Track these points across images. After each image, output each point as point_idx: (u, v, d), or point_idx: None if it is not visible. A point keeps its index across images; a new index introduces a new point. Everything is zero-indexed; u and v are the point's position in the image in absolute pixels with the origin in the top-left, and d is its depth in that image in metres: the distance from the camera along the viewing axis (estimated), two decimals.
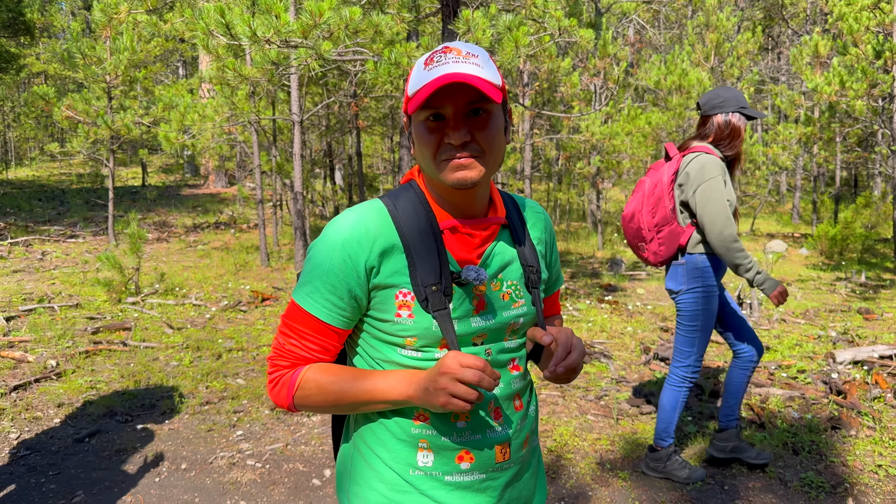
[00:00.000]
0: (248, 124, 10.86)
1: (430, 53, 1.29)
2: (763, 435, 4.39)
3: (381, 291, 1.29)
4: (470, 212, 1.35)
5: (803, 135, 15.31)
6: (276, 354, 1.35)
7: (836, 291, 9.66)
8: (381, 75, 5.24)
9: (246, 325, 7.26)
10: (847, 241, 13.14)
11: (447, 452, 1.33)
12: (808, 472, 3.92)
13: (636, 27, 23.47)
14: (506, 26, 5.71)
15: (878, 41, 13.10)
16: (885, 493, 3.74)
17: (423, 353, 1.31)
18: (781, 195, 25.79)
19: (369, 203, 1.34)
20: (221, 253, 12.15)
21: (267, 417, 4.77)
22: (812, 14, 24.15)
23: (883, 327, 7.32)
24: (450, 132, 1.23)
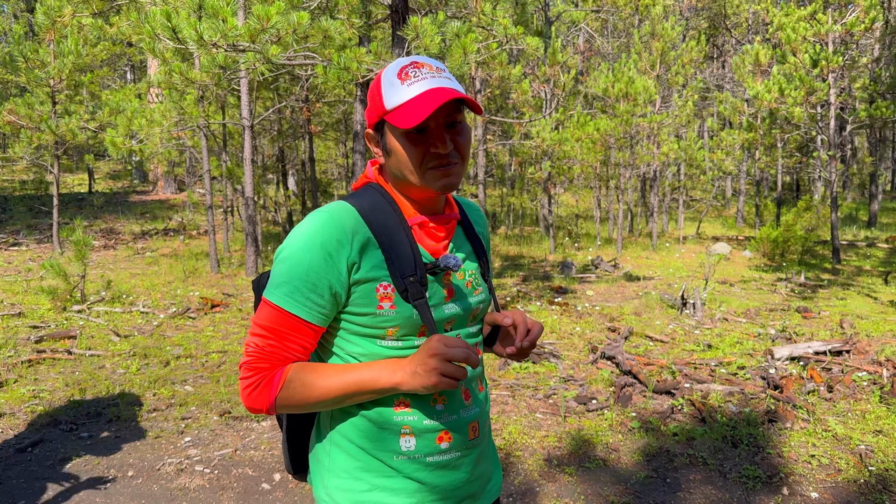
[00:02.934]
0: (198, 129, 10.73)
1: (398, 67, 1.37)
2: (704, 429, 4.55)
3: (361, 286, 1.35)
4: (434, 209, 1.47)
5: (746, 140, 15.81)
6: (254, 358, 1.34)
7: (777, 291, 10.01)
8: (331, 80, 5.27)
9: (195, 332, 7.18)
10: (788, 243, 13.60)
11: (429, 435, 1.42)
12: (746, 464, 4.08)
13: (586, 36, 23.91)
14: (454, 33, 5.80)
15: (815, 50, 13.64)
16: (818, 481, 3.92)
17: (403, 341, 1.39)
18: (726, 199, 26.53)
19: (336, 204, 1.38)
20: (170, 260, 11.96)
21: (215, 423, 4.74)
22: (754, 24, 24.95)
23: (819, 325, 7.62)
24: (436, 143, 1.34)
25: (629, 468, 4.08)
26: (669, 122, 15.56)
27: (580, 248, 15.69)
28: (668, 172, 18.39)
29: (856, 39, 14.75)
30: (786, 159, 18.78)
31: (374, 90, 1.40)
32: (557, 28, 22.46)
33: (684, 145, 15.92)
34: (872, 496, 3.71)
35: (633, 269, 12.30)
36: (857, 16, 13.45)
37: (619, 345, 6.35)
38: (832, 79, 13.92)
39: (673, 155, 15.42)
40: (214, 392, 5.34)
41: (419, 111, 1.29)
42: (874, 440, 4.36)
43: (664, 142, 15.49)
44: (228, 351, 6.49)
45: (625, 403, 5.03)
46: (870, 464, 4.05)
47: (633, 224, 18.87)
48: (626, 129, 14.44)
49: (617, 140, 15.14)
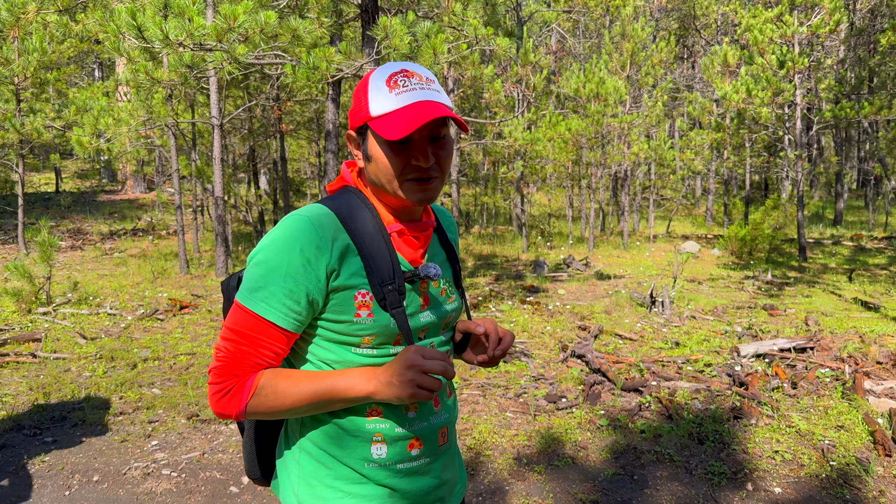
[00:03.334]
0: (166, 128, 10.60)
1: (388, 73, 1.35)
2: (671, 426, 4.61)
3: (339, 293, 1.33)
4: (411, 217, 1.45)
5: (714, 140, 16.04)
6: (225, 363, 1.32)
7: (744, 289, 10.16)
8: (300, 79, 5.24)
9: (163, 334, 7.09)
10: (756, 241, 13.82)
11: (400, 442, 1.42)
12: (712, 461, 4.14)
13: (558, 36, 24.05)
14: (424, 33, 5.80)
15: (782, 52, 13.88)
16: (781, 476, 3.99)
17: (378, 350, 1.38)
18: (696, 198, 26.88)
19: (314, 207, 1.36)
20: (139, 260, 11.79)
21: (183, 427, 4.69)
22: (723, 25, 25.31)
23: (785, 322, 7.76)
24: (418, 156, 1.33)
25: (597, 465, 4.12)
26: (640, 122, 15.72)
27: (553, 246, 15.78)
28: (638, 172, 18.58)
29: (821, 41, 15.04)
30: (754, 159, 19.08)
31: (360, 93, 1.38)
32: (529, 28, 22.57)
33: (654, 145, 16.10)
34: (833, 490, 3.79)
35: (604, 267, 12.41)
36: (821, 18, 13.70)
37: (589, 343, 6.40)
38: (798, 80, 14.17)
39: (643, 154, 15.58)
40: (182, 395, 5.28)
41: (405, 124, 1.28)
42: (836, 435, 4.45)
43: (634, 142, 15.65)
44: (197, 353, 6.42)
45: (594, 401, 5.08)
46: (831, 458, 4.13)
47: (604, 223, 19.03)
48: (598, 129, 14.57)
49: (588, 140, 15.26)
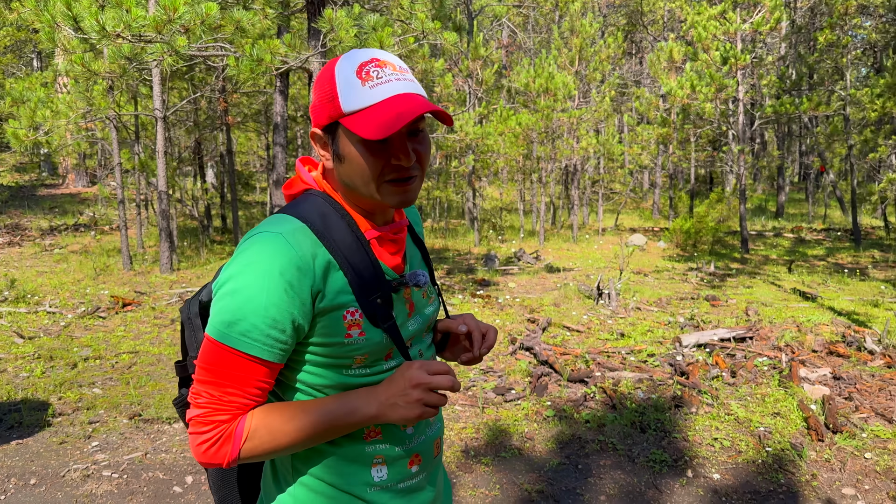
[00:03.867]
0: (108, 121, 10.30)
1: (356, 63, 1.20)
2: (614, 416, 4.70)
3: (327, 315, 1.20)
4: (386, 218, 1.34)
5: (660, 135, 16.36)
6: (209, 410, 1.17)
7: (688, 280, 10.42)
8: (244, 72, 5.15)
9: (105, 333, 6.92)
10: (700, 234, 14.18)
11: (400, 461, 1.33)
12: (654, 449, 4.25)
13: (508, 30, 24.18)
14: (371, 26, 5.76)
15: (725, 48, 14.22)
16: (720, 463, 4.12)
17: (370, 368, 1.27)
18: (643, 192, 27.41)
19: (282, 219, 1.21)
20: (80, 257, 11.46)
21: (125, 427, 4.59)
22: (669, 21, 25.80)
23: (726, 312, 7.99)
24: (399, 154, 1.20)
25: (543, 456, 4.18)
26: (588, 117, 15.94)
27: (504, 240, 15.91)
28: (588, 166, 18.84)
29: (762, 38, 15.47)
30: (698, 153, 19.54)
31: (325, 86, 1.22)
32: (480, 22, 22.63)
33: (603, 140, 16.34)
34: (769, 475, 3.93)
35: (554, 260, 12.56)
36: (763, 16, 14.09)
37: (537, 336, 6.48)
38: (741, 76, 14.55)
39: (592, 149, 15.81)
40: (124, 394, 5.16)
41: (386, 121, 1.15)
42: (772, 422, 4.61)
43: (583, 136, 15.86)
44: (140, 351, 6.28)
45: (540, 393, 5.14)
46: (768, 444, 4.28)
47: (555, 216, 19.26)
48: (547, 124, 14.71)
49: (539, 134, 15.40)
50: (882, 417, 4.59)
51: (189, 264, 11.44)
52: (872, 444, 4.24)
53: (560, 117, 14.73)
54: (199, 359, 1.19)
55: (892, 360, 5.59)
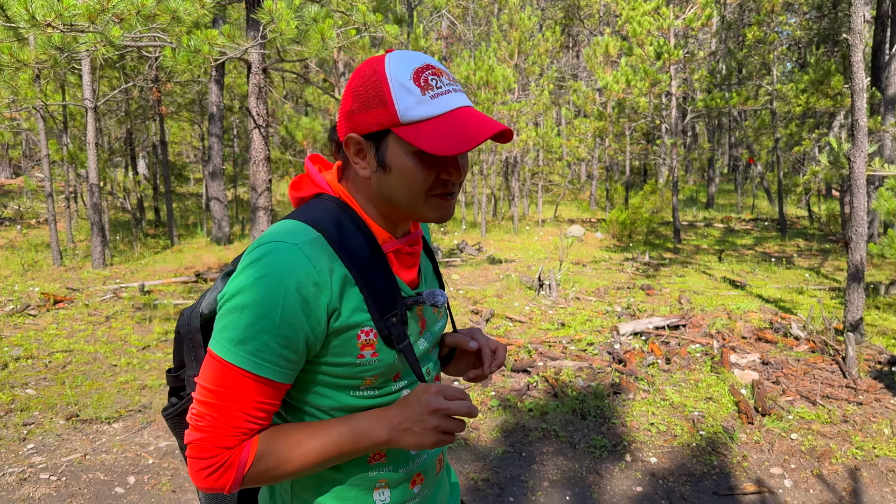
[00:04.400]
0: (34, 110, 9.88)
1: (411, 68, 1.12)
2: (556, 404, 4.83)
3: (341, 334, 1.13)
4: (404, 230, 1.27)
5: (597, 129, 16.71)
6: (211, 434, 1.09)
7: (624, 270, 10.70)
8: (181, 63, 5.04)
9: (36, 331, 6.67)
10: (635, 224, 14.57)
11: (403, 483, 1.28)
12: (594, 435, 4.38)
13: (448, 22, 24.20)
14: (312, 18, 5.71)
15: (659, 44, 14.61)
16: (657, 447, 4.28)
17: (379, 389, 1.21)
18: (581, 184, 27.93)
19: (295, 227, 1.13)
20: (6, 252, 10.98)
21: (62, 428, 4.45)
22: (605, 15, 26.28)
23: (660, 301, 8.25)
24: (450, 169, 1.15)
25: (488, 445, 4.26)
26: (528, 109, 16.13)
27: (446, 232, 15.99)
28: (527, 158, 19.09)
29: (694, 34, 15.93)
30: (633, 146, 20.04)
31: (371, 89, 1.12)
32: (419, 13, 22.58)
33: (542, 132, 16.58)
34: (703, 458, 4.11)
35: (496, 252, 12.71)
36: (695, 12, 14.52)
37: (481, 327, 6.56)
38: (673, 71, 14.97)
39: (532, 141, 16.01)
40: (60, 395, 5.01)
41: (458, 137, 1.09)
42: (705, 406, 4.81)
43: (523, 129, 16.05)
44: (74, 350, 6.09)
45: (485, 384, 5.23)
46: (701, 428, 4.47)
47: (496, 208, 19.44)
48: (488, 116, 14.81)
49: None
50: (806, 400, 4.85)
51: (122, 259, 11.11)
52: (798, 426, 4.47)
53: (500, 110, 14.87)
54: (201, 377, 1.11)
55: (816, 346, 5.89)
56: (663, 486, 3.81)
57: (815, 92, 14.14)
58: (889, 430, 4.40)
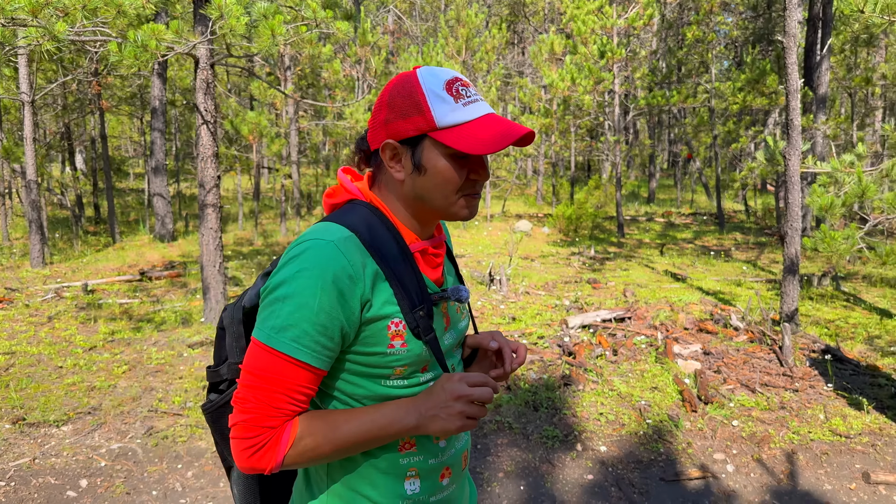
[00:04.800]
0: None
1: (443, 80, 1.26)
2: (509, 396, 4.94)
3: (372, 325, 1.22)
4: (430, 233, 1.37)
5: (543, 125, 16.94)
6: (255, 415, 1.18)
7: (571, 265, 10.93)
8: (127, 58, 4.93)
9: None
10: (580, 219, 14.85)
11: (433, 475, 1.35)
12: (546, 426, 4.50)
13: (394, 16, 24.14)
14: (262, 14, 5.66)
15: (602, 42, 14.90)
16: (606, 435, 4.43)
17: (408, 380, 1.29)
18: (528, 179, 28.28)
19: (331, 228, 1.23)
20: None
21: (8, 432, 4.34)
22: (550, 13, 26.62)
23: (606, 294, 8.47)
24: (478, 170, 1.28)
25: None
26: None
27: None
28: None
29: (636, 33, 16.30)
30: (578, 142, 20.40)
31: (408, 99, 1.25)
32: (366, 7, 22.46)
33: None
34: (650, 445, 4.28)
35: None
36: (637, 11, 14.86)
37: None
38: (616, 69, 15.29)
39: None
40: (4, 398, 4.87)
41: (490, 139, 1.22)
42: (651, 396, 4.99)
43: None
44: (17, 352, 5.91)
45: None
46: (648, 417, 4.64)
47: None
48: None
49: None
50: (746, 388, 5.08)
51: (63, 257, 10.78)
52: (738, 413, 4.69)
53: None
54: (245, 364, 1.20)
55: (754, 336, 6.16)
56: (613, 474, 3.96)
57: (751, 90, 14.66)
58: (823, 415, 4.65)
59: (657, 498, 3.74)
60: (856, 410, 4.73)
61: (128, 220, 16.79)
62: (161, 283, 9.11)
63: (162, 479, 3.82)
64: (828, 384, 5.14)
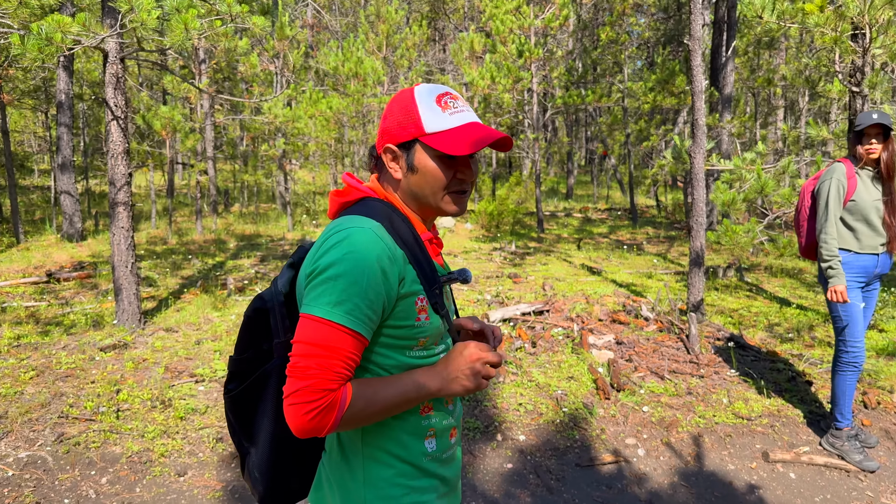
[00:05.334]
0: None
1: (434, 94, 1.50)
2: None
3: (405, 300, 1.42)
4: (431, 225, 1.60)
5: None
6: (317, 380, 1.32)
7: (493, 260, 11.12)
8: (31, 51, 4.72)
9: None
10: (502, 215, 15.11)
11: (445, 433, 1.57)
12: (468, 418, 4.60)
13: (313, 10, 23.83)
14: (174, 7, 5.52)
15: (520, 42, 15.17)
16: (525, 425, 4.56)
17: (427, 350, 1.50)
18: None
19: (362, 220, 1.41)
20: None
21: None
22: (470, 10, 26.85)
23: (526, 288, 8.67)
24: (464, 170, 1.50)
25: None
26: None
27: (319, 224, 15.83)
28: None
29: (553, 33, 16.67)
30: None
31: (405, 111, 1.49)
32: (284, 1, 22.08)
33: None
34: (566, 433, 4.44)
35: None
36: (553, 12, 15.20)
37: None
38: (534, 68, 15.61)
39: None
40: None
41: (471, 141, 1.44)
42: (567, 385, 5.17)
43: None
44: None
45: None
46: (564, 406, 4.81)
47: None
48: (358, 108, 14.82)
49: (350, 118, 15.46)
50: (656, 375, 5.33)
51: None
52: (649, 399, 4.92)
53: (370, 102, 14.90)
54: (301, 337, 1.35)
55: (664, 325, 6.46)
56: (531, 462, 4.10)
57: (661, 90, 15.25)
58: (727, 399, 4.94)
59: (573, 483, 3.90)
60: (757, 394, 5.04)
61: (33, 218, 15.97)
62: (70, 284, 8.74)
63: (74, 486, 3.71)
64: (731, 370, 5.46)
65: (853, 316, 4.07)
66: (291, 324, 1.54)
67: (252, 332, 1.58)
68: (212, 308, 7.24)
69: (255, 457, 1.60)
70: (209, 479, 3.85)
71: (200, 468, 3.98)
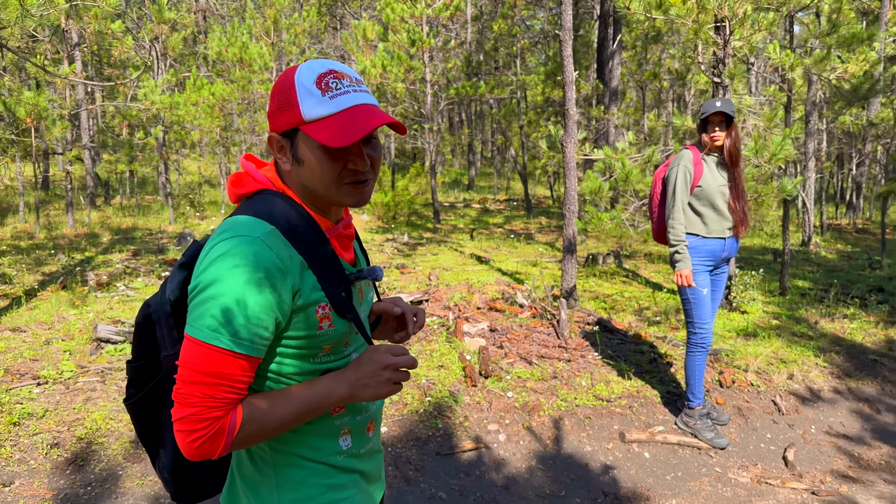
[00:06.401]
0: None
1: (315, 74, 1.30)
2: None
3: (303, 311, 1.30)
4: (338, 216, 1.44)
5: None
6: (202, 408, 1.21)
7: (384, 251, 11.00)
8: None
9: None
10: (398, 206, 15.02)
11: (360, 429, 1.48)
12: None
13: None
14: None
15: (413, 31, 15.07)
16: (389, 416, 4.51)
17: (335, 355, 1.39)
18: None
19: (251, 222, 1.27)
20: None
21: None
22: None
23: (412, 279, 8.61)
24: (356, 160, 1.32)
25: None
26: None
27: (205, 217, 15.22)
28: None
29: (444, 24, 16.67)
30: None
31: (284, 94, 1.31)
32: None
33: None
34: (430, 422, 4.38)
35: None
36: (444, 2, 15.18)
37: None
38: (427, 58, 15.55)
39: None
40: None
41: (346, 131, 1.26)
42: (437, 374, 5.12)
43: None
44: None
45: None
46: (430, 394, 4.75)
47: None
48: (244, 96, 14.32)
49: (237, 106, 14.92)
50: (524, 360, 5.36)
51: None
52: (514, 385, 4.94)
53: (258, 89, 14.43)
54: (184, 360, 1.23)
55: (537, 312, 6.53)
56: (392, 453, 4.02)
57: (551, 83, 15.53)
58: (588, 382, 5.02)
59: (432, 473, 3.84)
60: (618, 376, 5.15)
61: None
62: None
63: None
64: (596, 353, 5.56)
65: (700, 299, 4.21)
66: (180, 335, 1.40)
67: (143, 341, 1.47)
68: (69, 306, 6.78)
69: (163, 457, 1.52)
70: (38, 488, 3.56)
71: (30, 476, 3.68)
